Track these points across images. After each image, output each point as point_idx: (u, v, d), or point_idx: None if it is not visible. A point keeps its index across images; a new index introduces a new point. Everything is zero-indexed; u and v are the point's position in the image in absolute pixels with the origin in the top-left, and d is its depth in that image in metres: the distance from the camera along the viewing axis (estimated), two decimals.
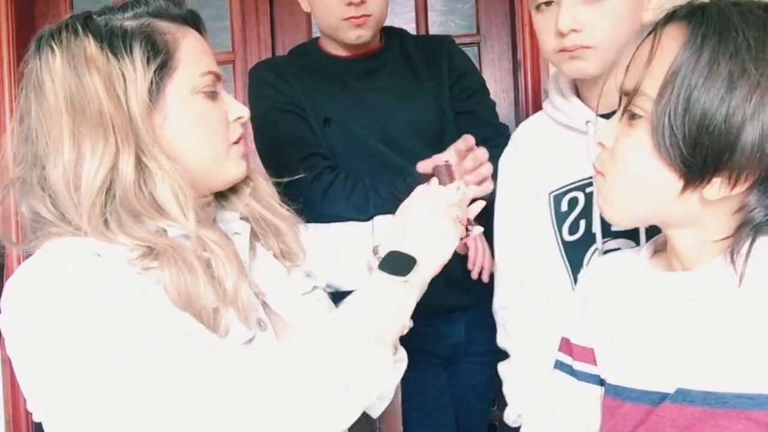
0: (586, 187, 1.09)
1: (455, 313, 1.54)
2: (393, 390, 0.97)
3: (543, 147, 1.16)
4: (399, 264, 0.85)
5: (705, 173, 0.73)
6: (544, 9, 1.05)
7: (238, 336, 0.86)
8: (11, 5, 2.02)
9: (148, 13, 0.91)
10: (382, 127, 1.47)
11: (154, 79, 0.86)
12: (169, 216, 0.86)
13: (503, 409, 1.21)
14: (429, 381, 1.52)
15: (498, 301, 1.25)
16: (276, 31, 2.14)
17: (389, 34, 1.58)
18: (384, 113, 1.48)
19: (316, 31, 1.97)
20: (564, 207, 1.12)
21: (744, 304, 0.76)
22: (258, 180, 1.04)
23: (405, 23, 2.03)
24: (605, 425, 0.88)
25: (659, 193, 0.77)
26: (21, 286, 0.81)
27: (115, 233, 0.83)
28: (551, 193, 1.13)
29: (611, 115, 0.82)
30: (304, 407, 0.75)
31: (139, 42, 0.86)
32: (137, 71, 0.85)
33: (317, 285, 1.05)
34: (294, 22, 2.13)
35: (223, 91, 0.96)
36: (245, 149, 0.99)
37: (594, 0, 1.00)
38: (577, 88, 1.13)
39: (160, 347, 0.75)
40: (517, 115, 2.03)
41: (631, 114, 0.77)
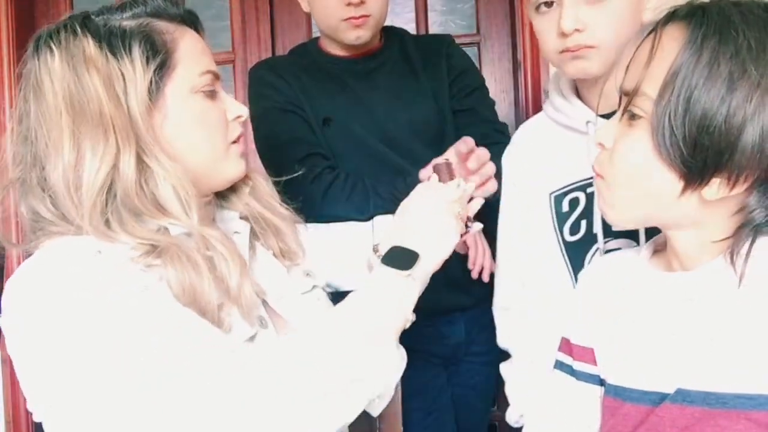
0: (587, 188, 1.09)
1: (455, 313, 1.53)
2: (393, 389, 0.97)
3: (543, 148, 1.16)
4: (402, 258, 0.86)
5: (705, 174, 0.73)
6: (544, 10, 1.04)
7: (240, 333, 0.86)
8: (11, 5, 2.02)
9: (146, 13, 0.91)
10: (381, 127, 1.47)
11: (153, 79, 0.86)
12: (171, 214, 0.86)
13: (504, 409, 1.21)
14: (429, 381, 1.52)
15: (498, 301, 1.25)
16: (276, 31, 2.14)
17: (389, 34, 1.58)
18: (384, 113, 1.48)
19: (316, 31, 1.97)
20: (565, 207, 1.12)
21: (744, 304, 0.76)
22: (257, 179, 1.04)
23: (405, 23, 2.03)
24: (605, 425, 0.88)
25: (659, 194, 0.77)
26: (21, 285, 0.81)
27: (117, 232, 0.83)
28: (552, 194, 1.13)
29: (611, 116, 0.82)
30: (304, 407, 0.76)
31: (138, 42, 0.86)
32: (137, 71, 0.85)
33: (317, 284, 1.05)
34: (294, 22, 2.13)
35: (222, 91, 0.96)
36: (244, 148, 0.99)
37: (596, 0, 1.00)
38: (577, 88, 1.13)
39: (160, 347, 0.75)
40: (517, 115, 2.03)
41: (631, 114, 0.77)
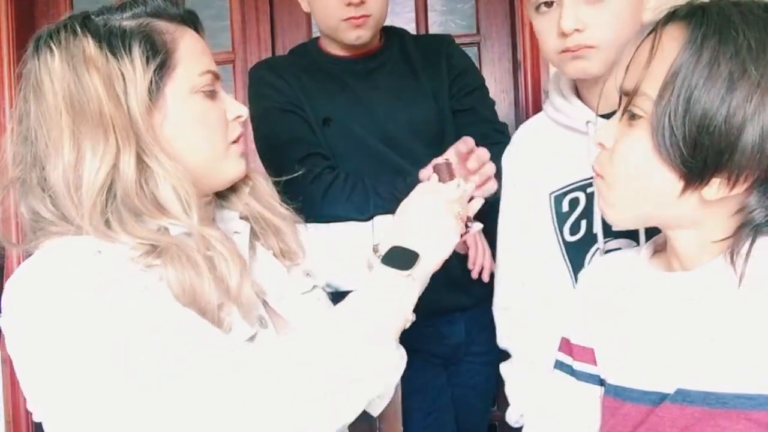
0: (587, 188, 1.09)
1: (455, 313, 1.53)
2: (393, 389, 0.98)
3: (543, 148, 1.16)
4: (402, 258, 0.85)
5: (705, 174, 0.73)
6: (544, 10, 1.04)
7: (240, 333, 0.86)
8: (11, 5, 2.02)
9: (146, 13, 0.91)
10: (381, 127, 1.47)
11: (153, 79, 0.86)
12: (171, 214, 0.86)
13: (504, 409, 1.21)
14: (429, 381, 1.52)
15: (498, 301, 1.25)
16: (276, 31, 2.14)
17: (389, 34, 1.58)
18: (384, 113, 1.48)
19: (316, 31, 1.97)
20: (565, 207, 1.12)
21: (744, 304, 0.76)
22: (257, 179, 1.04)
23: (405, 23, 2.03)
24: (605, 425, 0.88)
25: (659, 194, 0.77)
26: (21, 286, 0.81)
27: (117, 232, 0.83)
28: (552, 194, 1.13)
29: (611, 116, 0.82)
30: (304, 407, 0.76)
31: (138, 42, 0.86)
32: (137, 71, 0.85)
33: (317, 284, 1.05)
34: (294, 22, 2.13)
35: (222, 91, 0.96)
36: (244, 148, 0.99)
37: (596, 0, 1.00)
38: (577, 88, 1.13)
39: (160, 347, 0.75)
40: (517, 115, 2.03)
41: (631, 114, 0.77)
